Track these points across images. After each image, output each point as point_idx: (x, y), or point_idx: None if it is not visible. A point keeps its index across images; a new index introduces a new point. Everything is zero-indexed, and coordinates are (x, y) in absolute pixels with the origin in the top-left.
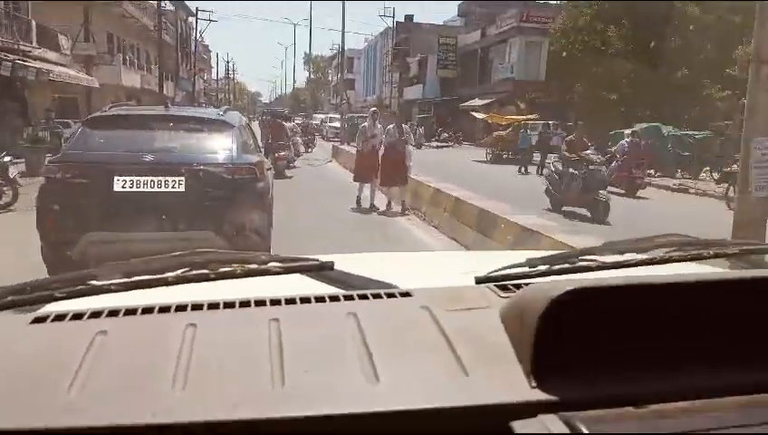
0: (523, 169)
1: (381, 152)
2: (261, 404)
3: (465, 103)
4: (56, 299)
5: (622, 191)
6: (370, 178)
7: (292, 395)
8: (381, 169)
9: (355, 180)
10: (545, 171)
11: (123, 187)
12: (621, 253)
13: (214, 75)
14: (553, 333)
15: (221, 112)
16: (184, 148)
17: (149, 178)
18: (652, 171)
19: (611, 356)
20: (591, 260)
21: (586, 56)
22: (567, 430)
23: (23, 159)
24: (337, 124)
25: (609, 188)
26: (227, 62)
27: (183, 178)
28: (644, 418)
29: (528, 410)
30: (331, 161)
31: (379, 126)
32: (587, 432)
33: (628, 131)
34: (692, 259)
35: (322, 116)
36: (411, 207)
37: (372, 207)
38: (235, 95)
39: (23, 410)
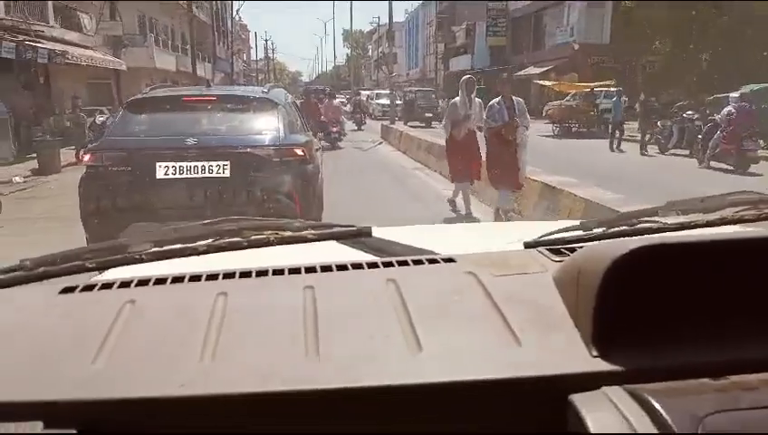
0: (615, 144)
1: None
2: (294, 376)
3: (520, 72)
4: (87, 270)
5: (730, 167)
6: (469, 177)
7: (329, 366)
8: (488, 164)
9: (453, 181)
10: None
11: (166, 173)
12: (686, 213)
13: (253, 56)
14: (615, 297)
15: (265, 90)
16: (227, 130)
17: (193, 164)
18: (761, 142)
19: (680, 323)
20: (653, 221)
21: (669, 9)
22: (635, 404)
23: (35, 155)
24: (385, 101)
25: (714, 164)
26: (266, 41)
27: (228, 162)
28: (724, 390)
29: (589, 381)
30: (381, 143)
31: (477, 101)
32: (658, 406)
33: (734, 95)
34: (762, 219)
35: (368, 92)
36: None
37: (469, 217)
38: (275, 75)
39: (48, 381)
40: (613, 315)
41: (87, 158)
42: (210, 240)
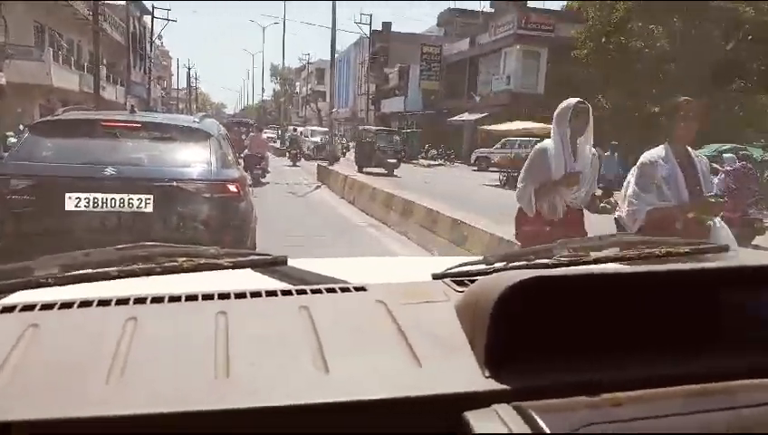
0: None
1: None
2: (202, 397)
3: (455, 118)
4: None
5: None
6: None
7: (237, 387)
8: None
9: None
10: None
11: (77, 205)
12: (577, 251)
13: (174, 84)
14: (507, 323)
15: (197, 120)
16: (153, 160)
17: (110, 196)
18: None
19: (564, 346)
20: (548, 257)
21: (619, 61)
22: (520, 419)
23: None
24: (318, 139)
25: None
26: (189, 69)
27: (151, 196)
28: (597, 406)
29: (481, 400)
30: (319, 187)
31: (591, 151)
32: (540, 421)
33: (728, 155)
34: (644, 257)
35: (301, 128)
36: None
37: None
38: (197, 105)
39: None
40: (504, 340)
41: None
42: (122, 265)
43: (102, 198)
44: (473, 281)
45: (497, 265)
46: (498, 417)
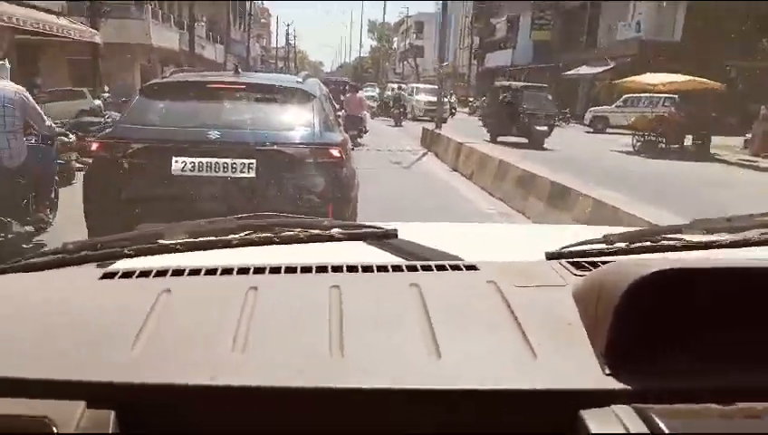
0: None
1: None
2: (321, 373)
3: (570, 72)
4: (125, 256)
5: None
6: None
7: (353, 366)
8: None
9: None
10: None
11: (183, 169)
12: (711, 232)
13: (273, 42)
14: (633, 317)
15: (299, 80)
16: (256, 123)
17: (214, 161)
18: None
19: (696, 347)
20: (676, 239)
21: None
22: (642, 423)
23: None
24: (432, 98)
25: None
26: (287, 26)
27: (254, 160)
28: (729, 416)
29: (600, 398)
30: (426, 154)
31: None
32: (664, 427)
33: None
34: None
35: (405, 86)
36: None
37: None
38: (296, 64)
39: (90, 363)
40: (629, 335)
41: (95, 147)
42: (242, 234)
43: (207, 163)
44: (592, 264)
45: (619, 244)
46: (617, 418)
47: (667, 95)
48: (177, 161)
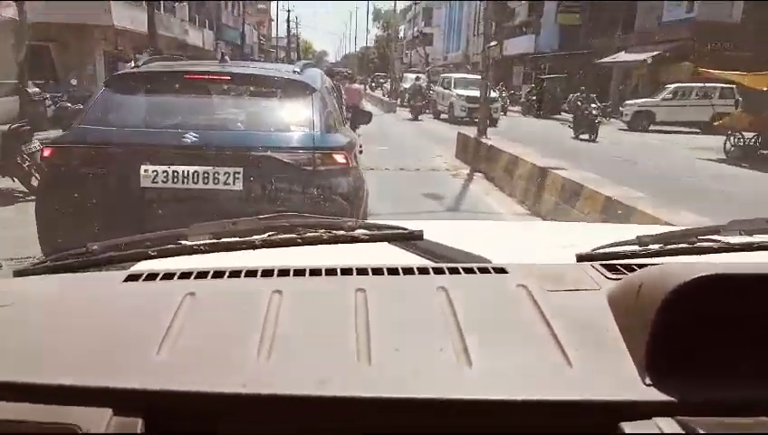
0: None
1: None
2: (349, 382)
3: (605, 59)
4: (148, 257)
5: None
6: None
7: (381, 375)
8: None
9: None
10: None
11: (153, 181)
12: (750, 233)
13: (273, 31)
14: (675, 325)
15: (297, 69)
16: (244, 123)
17: (191, 170)
18: None
19: (740, 356)
20: (713, 240)
21: None
22: None
23: None
24: (476, 92)
25: None
26: (288, 12)
27: (240, 169)
28: None
29: (641, 410)
30: (470, 179)
31: None
32: None
33: None
34: None
35: (422, 76)
36: None
37: None
38: (299, 54)
39: (116, 369)
40: (671, 343)
41: (47, 153)
42: (265, 235)
43: (183, 172)
44: (626, 267)
45: (654, 246)
46: (661, 432)
47: (723, 85)
48: (146, 171)
